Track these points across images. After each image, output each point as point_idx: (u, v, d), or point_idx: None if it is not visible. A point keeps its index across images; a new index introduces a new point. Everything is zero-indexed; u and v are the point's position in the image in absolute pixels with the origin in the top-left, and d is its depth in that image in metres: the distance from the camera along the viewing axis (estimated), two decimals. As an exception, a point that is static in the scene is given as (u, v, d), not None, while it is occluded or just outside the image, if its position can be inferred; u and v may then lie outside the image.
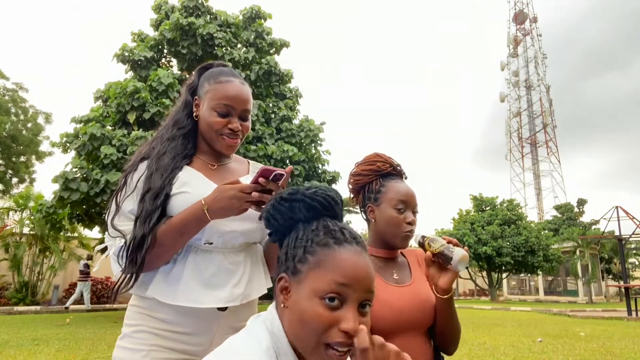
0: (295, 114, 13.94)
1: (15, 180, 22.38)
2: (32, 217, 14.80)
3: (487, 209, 24.78)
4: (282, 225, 0.85)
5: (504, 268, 23.33)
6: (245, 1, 16.26)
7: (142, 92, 10.26)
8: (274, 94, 13.77)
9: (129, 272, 1.10)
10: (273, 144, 12.22)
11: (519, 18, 55.34)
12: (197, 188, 1.17)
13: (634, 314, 12.23)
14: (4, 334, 7.74)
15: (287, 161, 12.10)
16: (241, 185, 1.10)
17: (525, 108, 53.61)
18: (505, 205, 24.59)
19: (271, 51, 13.79)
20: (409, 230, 1.33)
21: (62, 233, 13.73)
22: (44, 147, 22.60)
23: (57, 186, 9.83)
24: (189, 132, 1.30)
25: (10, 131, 21.08)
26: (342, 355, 0.72)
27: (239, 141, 1.28)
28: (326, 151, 13.70)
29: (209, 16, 13.02)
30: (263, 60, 13.01)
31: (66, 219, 11.10)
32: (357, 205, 1.48)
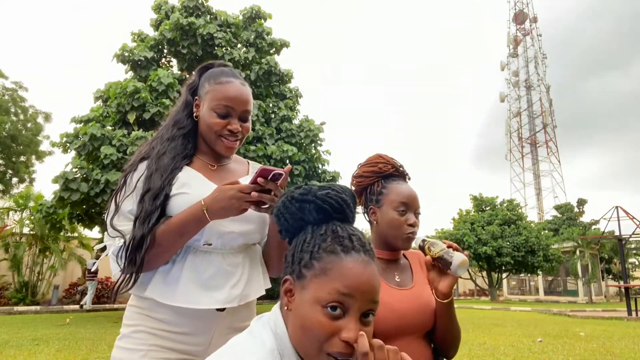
0: (295, 114, 13.93)
1: (15, 180, 22.38)
2: (32, 217, 14.81)
3: (487, 209, 24.78)
4: (292, 226, 0.84)
5: (504, 268, 23.33)
6: (245, 1, 16.26)
7: (142, 92, 10.26)
8: (274, 94, 13.76)
9: (129, 272, 1.10)
10: (273, 144, 12.22)
11: (519, 18, 55.34)
12: (196, 189, 1.17)
13: (634, 314, 12.23)
14: (4, 334, 7.74)
15: (287, 161, 12.09)
16: (240, 185, 1.10)
17: (525, 108, 53.61)
18: (505, 205, 24.60)
19: (271, 51, 13.79)
20: (411, 232, 1.32)
21: (62, 233, 13.74)
22: (44, 146, 22.64)
23: (57, 186, 9.83)
24: (189, 132, 1.29)
25: (10, 131, 21.07)
26: None
27: (238, 143, 1.28)
28: (326, 151, 13.71)
29: (209, 16, 13.02)
30: (263, 60, 13.01)
31: (66, 219, 11.11)
32: (360, 207, 1.47)
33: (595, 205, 59.88)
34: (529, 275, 26.95)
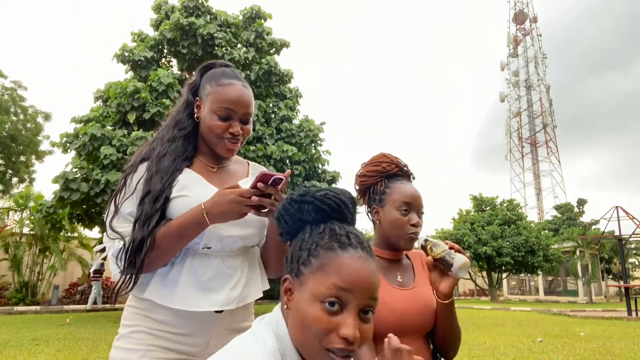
0: (295, 114, 13.93)
1: (15, 180, 22.38)
2: (32, 217, 14.80)
3: (487, 209, 24.78)
4: (292, 227, 0.84)
5: (504, 268, 23.33)
6: (245, 1, 16.26)
7: (142, 92, 10.26)
8: (274, 94, 13.76)
9: (128, 274, 1.10)
10: (273, 144, 12.22)
11: (519, 18, 55.33)
12: (196, 191, 1.17)
13: (634, 314, 12.23)
14: (4, 334, 7.74)
15: (287, 161, 12.09)
16: (241, 189, 1.10)
17: (525, 108, 53.60)
18: (505, 205, 24.59)
19: (271, 51, 13.78)
20: (413, 232, 1.32)
21: (62, 233, 13.73)
22: (44, 146, 22.63)
23: (57, 186, 9.83)
24: (189, 133, 1.29)
25: (10, 131, 21.06)
26: (344, 359, 0.72)
27: (239, 145, 1.28)
28: (326, 151, 13.71)
29: (209, 16, 13.01)
30: (263, 60, 13.00)
31: (66, 219, 11.10)
32: (364, 206, 1.47)
33: (595, 205, 59.94)
34: (529, 275, 26.94)
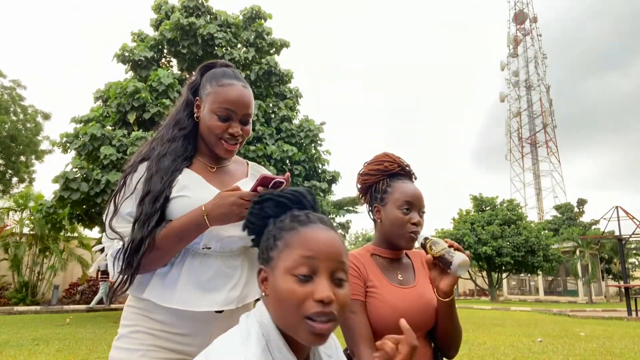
0: (295, 114, 13.93)
1: (15, 180, 22.38)
2: (32, 217, 14.80)
3: (487, 209, 24.77)
4: (258, 226, 0.89)
5: (504, 268, 23.33)
6: (245, 1, 16.25)
7: (142, 92, 10.26)
8: (274, 94, 13.76)
9: (125, 275, 1.10)
10: (273, 144, 12.22)
11: (519, 18, 55.33)
12: (196, 192, 1.17)
13: (634, 314, 12.23)
14: (4, 334, 7.74)
15: (287, 161, 12.09)
16: (241, 192, 1.10)
17: (525, 108, 53.61)
18: (505, 205, 24.58)
19: (271, 51, 13.78)
20: (414, 231, 1.32)
21: (62, 233, 13.72)
22: (44, 146, 22.64)
23: (57, 186, 9.83)
24: (189, 133, 1.29)
25: (9, 131, 21.06)
26: (325, 324, 0.75)
27: (238, 146, 1.28)
28: (326, 151, 13.71)
29: (209, 16, 13.01)
30: (263, 60, 13.00)
31: (66, 219, 11.10)
32: (366, 205, 1.48)
33: (595, 205, 59.89)
34: (529, 275, 26.95)
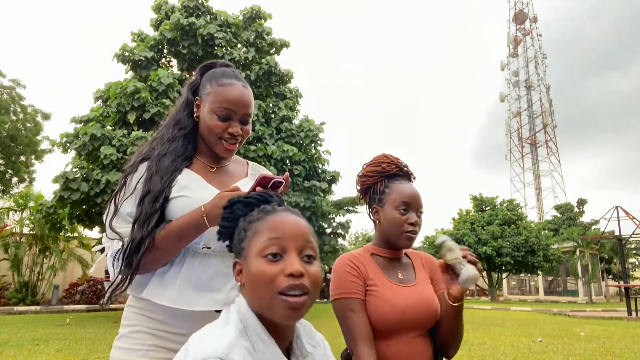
0: (295, 114, 13.94)
1: (15, 180, 22.39)
2: (32, 217, 14.80)
3: (487, 209, 24.77)
4: (230, 228, 0.92)
5: (504, 268, 23.32)
6: (245, 1, 16.25)
7: (142, 92, 10.26)
8: (274, 94, 13.77)
9: (124, 275, 1.10)
10: (273, 144, 12.22)
11: (519, 18, 55.34)
12: (196, 192, 1.17)
13: (634, 314, 12.23)
14: (4, 334, 7.74)
15: (287, 161, 12.10)
16: (240, 192, 1.10)
17: (525, 108, 53.61)
18: (505, 205, 24.58)
19: (271, 51, 13.79)
20: (411, 230, 1.34)
21: (62, 233, 13.73)
22: (44, 145, 22.64)
23: (57, 186, 9.84)
24: (189, 132, 1.29)
25: (9, 131, 21.07)
26: (298, 297, 0.78)
27: (238, 145, 1.28)
28: (326, 151, 13.73)
29: (209, 16, 13.02)
30: (263, 60, 13.01)
31: (66, 219, 11.10)
32: (365, 206, 1.50)
33: (595, 205, 59.68)
34: (529, 275, 26.95)
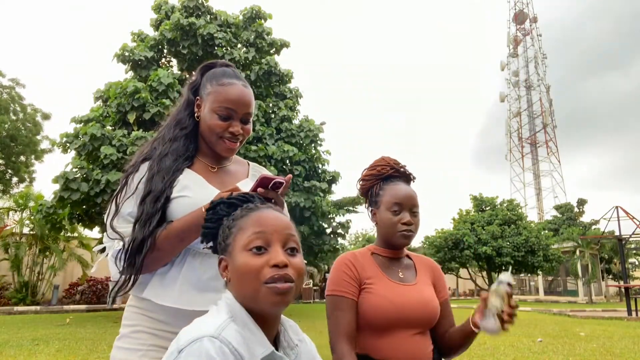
0: (295, 114, 13.95)
1: (15, 180, 22.39)
2: (32, 217, 14.79)
3: (487, 209, 24.76)
4: (214, 229, 0.94)
5: (504, 268, 23.31)
6: (245, 1, 16.27)
7: (142, 92, 10.26)
8: (274, 94, 13.77)
9: (127, 275, 1.10)
10: (273, 144, 12.23)
11: (519, 18, 55.33)
12: (197, 192, 1.18)
13: (634, 314, 12.23)
14: (4, 334, 7.74)
15: (287, 161, 12.10)
16: (241, 193, 1.10)
17: (525, 108, 53.61)
18: (505, 205, 24.57)
19: (271, 51, 13.80)
20: (405, 229, 1.37)
21: (62, 233, 13.73)
22: (44, 145, 22.65)
23: (57, 186, 9.84)
24: (190, 132, 1.29)
25: (9, 130, 21.06)
26: (284, 284, 0.81)
27: (238, 144, 1.28)
28: (326, 151, 13.73)
29: (209, 16, 13.02)
30: (263, 61, 13.01)
31: (66, 219, 11.10)
32: (367, 209, 1.55)
33: (595, 205, 59.75)
34: (529, 275, 26.95)
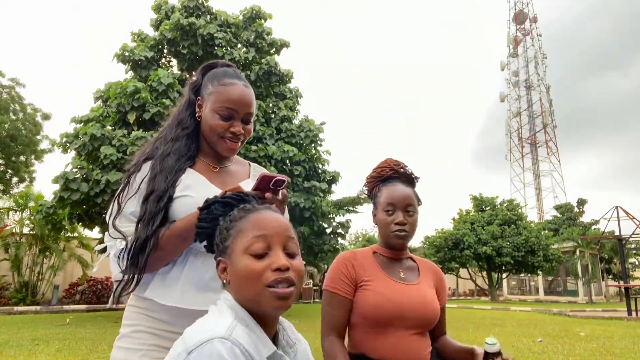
0: (295, 114, 13.95)
1: (15, 180, 22.38)
2: (32, 217, 14.79)
3: (487, 209, 24.77)
4: (208, 229, 0.94)
5: (504, 268, 23.32)
6: (245, 1, 16.28)
7: (142, 92, 10.26)
8: (274, 94, 13.77)
9: (130, 274, 1.10)
10: (273, 144, 12.22)
11: (519, 18, 55.34)
12: (199, 192, 1.18)
13: (634, 314, 12.23)
14: (4, 334, 7.73)
15: (287, 161, 12.10)
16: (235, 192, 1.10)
17: (525, 108, 53.61)
18: (505, 205, 24.58)
19: (271, 51, 13.80)
20: (397, 229, 1.39)
21: (62, 233, 13.73)
22: (44, 145, 22.65)
23: (57, 186, 9.84)
24: (192, 132, 1.29)
25: (9, 130, 21.06)
26: (286, 288, 0.82)
27: (240, 144, 1.28)
28: (326, 151, 13.73)
29: (209, 16, 13.02)
30: (263, 61, 13.01)
31: (66, 219, 11.10)
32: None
33: (595, 205, 59.76)
34: (529, 275, 26.95)
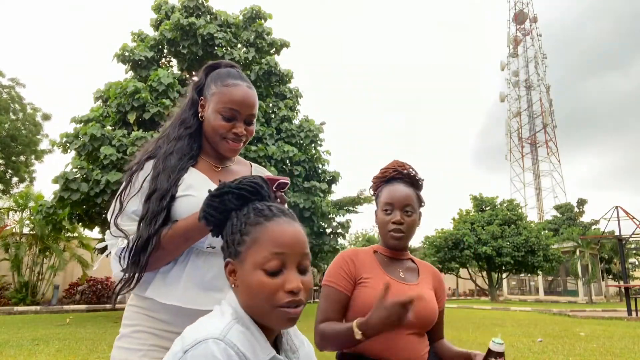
0: (295, 114, 13.94)
1: (15, 180, 22.38)
2: (32, 217, 14.79)
3: (487, 209, 24.77)
4: (219, 219, 0.91)
5: (504, 268, 23.32)
6: (245, 1, 16.27)
7: (142, 92, 10.26)
8: (274, 94, 13.77)
9: (132, 273, 1.10)
10: (273, 144, 12.22)
11: (519, 18, 55.35)
12: (201, 191, 1.17)
13: (634, 314, 12.23)
14: (4, 334, 7.73)
15: (287, 161, 12.10)
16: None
17: (525, 108, 53.62)
18: (505, 205, 24.58)
19: (271, 51, 13.79)
20: (394, 229, 1.41)
21: (63, 233, 13.72)
22: (43, 145, 22.64)
23: (57, 186, 9.83)
24: (194, 132, 1.29)
25: (9, 130, 21.06)
26: (296, 309, 0.82)
27: (242, 145, 1.28)
28: (326, 151, 13.73)
29: (209, 16, 13.02)
30: (263, 61, 13.01)
31: (66, 219, 11.09)
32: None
33: (595, 205, 59.80)
34: (529, 275, 26.96)
